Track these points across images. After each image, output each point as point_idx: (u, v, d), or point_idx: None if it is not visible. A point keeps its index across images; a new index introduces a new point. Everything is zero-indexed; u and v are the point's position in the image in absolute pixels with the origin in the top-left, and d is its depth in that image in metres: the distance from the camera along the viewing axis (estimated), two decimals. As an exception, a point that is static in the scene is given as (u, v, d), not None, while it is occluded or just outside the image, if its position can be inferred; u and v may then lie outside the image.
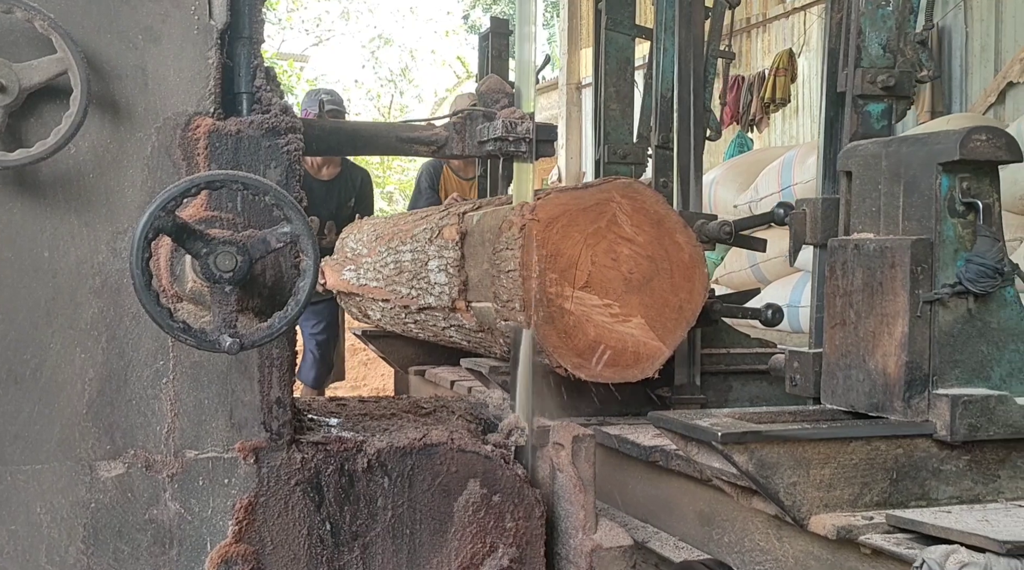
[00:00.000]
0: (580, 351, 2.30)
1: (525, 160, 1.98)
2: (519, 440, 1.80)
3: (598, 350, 2.31)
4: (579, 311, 2.30)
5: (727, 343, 2.89)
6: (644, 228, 2.35)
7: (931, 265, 1.83)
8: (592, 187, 2.38)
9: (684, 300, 2.39)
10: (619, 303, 2.33)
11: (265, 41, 1.69)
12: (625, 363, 2.35)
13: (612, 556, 1.68)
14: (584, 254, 2.30)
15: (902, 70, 2.14)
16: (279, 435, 1.61)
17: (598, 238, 2.32)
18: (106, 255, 1.53)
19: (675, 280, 2.38)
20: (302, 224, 1.45)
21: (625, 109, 3.45)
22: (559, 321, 2.28)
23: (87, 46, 1.48)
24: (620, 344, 2.33)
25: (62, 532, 1.53)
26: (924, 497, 1.84)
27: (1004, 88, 6.15)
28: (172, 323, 1.41)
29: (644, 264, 2.35)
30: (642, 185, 2.45)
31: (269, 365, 1.60)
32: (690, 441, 1.90)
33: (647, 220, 2.36)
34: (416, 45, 23.54)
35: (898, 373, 1.84)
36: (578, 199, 2.32)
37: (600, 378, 2.34)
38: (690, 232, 2.43)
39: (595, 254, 2.31)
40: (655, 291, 2.36)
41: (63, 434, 1.52)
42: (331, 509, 1.64)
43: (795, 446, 1.78)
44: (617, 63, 3.46)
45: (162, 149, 1.55)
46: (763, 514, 1.95)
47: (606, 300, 2.32)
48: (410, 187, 22.83)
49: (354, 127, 2.14)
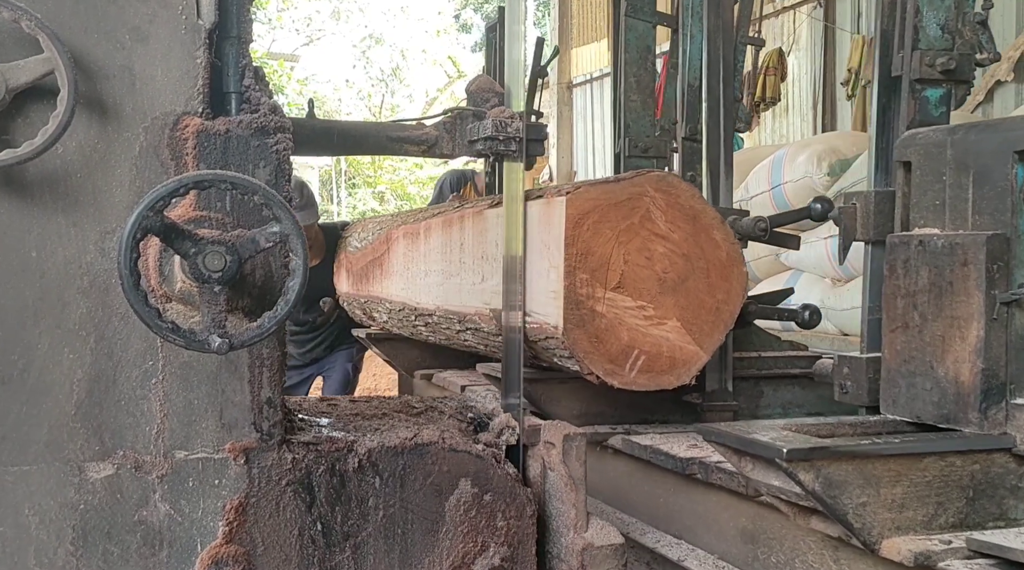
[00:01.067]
0: (612, 356, 2.18)
1: (515, 159, 1.98)
2: (510, 439, 1.80)
3: (631, 355, 2.19)
4: (611, 313, 2.17)
5: (757, 346, 2.72)
6: (679, 224, 2.21)
7: (1008, 263, 1.68)
8: (624, 180, 2.22)
9: (721, 301, 2.25)
10: (653, 305, 2.20)
11: (254, 40, 1.68)
12: (660, 369, 2.22)
13: (603, 554, 1.68)
14: (616, 252, 2.17)
15: (961, 52, 2.00)
16: (270, 435, 1.60)
17: (631, 235, 2.18)
18: (94, 255, 1.53)
19: (712, 280, 2.24)
20: (291, 224, 1.45)
21: (646, 100, 3.25)
22: (590, 324, 2.15)
23: (74, 46, 1.48)
24: (655, 349, 2.20)
25: (51, 534, 1.52)
26: (1002, 517, 1.71)
27: (992, 87, 6.18)
28: (161, 323, 1.40)
29: (679, 263, 2.22)
30: (677, 178, 2.29)
31: (259, 365, 1.60)
32: (744, 456, 1.76)
33: (682, 216, 2.22)
34: (407, 45, 23.53)
35: (972, 381, 1.69)
36: (609, 193, 2.17)
37: (633, 385, 2.20)
38: (727, 229, 2.28)
39: (628, 252, 2.18)
40: (691, 292, 2.23)
41: (51, 435, 1.52)
42: (322, 509, 1.63)
43: (864, 463, 1.64)
44: (637, 51, 3.26)
45: (150, 149, 1.55)
46: (818, 534, 1.81)
47: (639, 302, 2.20)
48: (402, 187, 22.76)
49: (344, 127, 2.14)
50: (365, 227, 3.94)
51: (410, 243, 3.19)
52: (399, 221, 3.44)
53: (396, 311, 3.36)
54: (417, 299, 3.09)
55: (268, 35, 20.58)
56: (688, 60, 2.95)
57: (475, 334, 2.70)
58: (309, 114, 2.05)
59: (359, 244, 3.89)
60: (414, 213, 3.47)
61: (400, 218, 3.52)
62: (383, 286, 3.52)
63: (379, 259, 3.57)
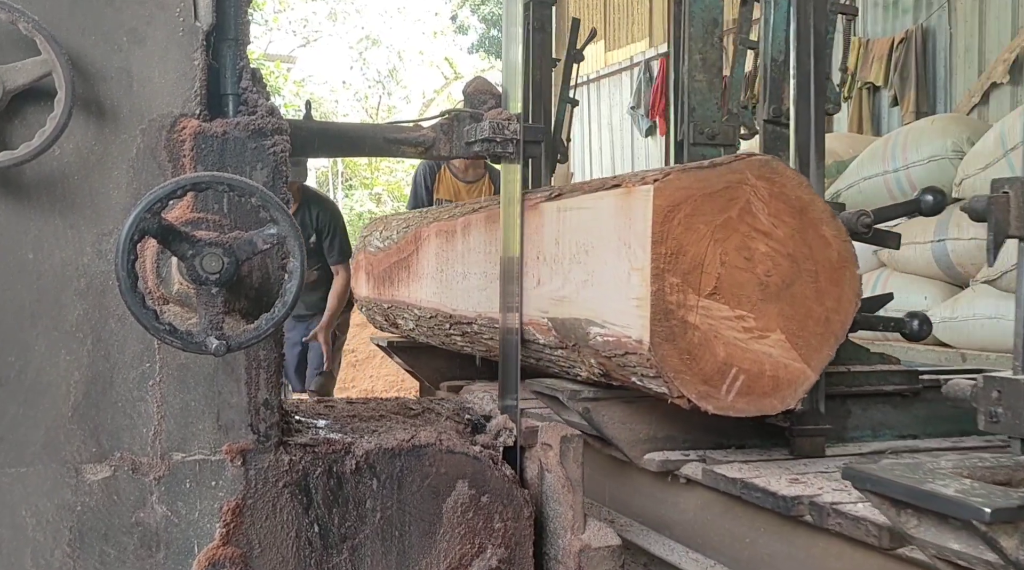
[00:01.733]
0: (707, 376, 1.87)
1: (512, 161, 1.99)
2: (507, 441, 1.80)
3: (729, 374, 1.87)
4: (705, 325, 1.86)
5: (843, 358, 2.32)
6: (784, 218, 1.91)
7: None
8: (720, 166, 1.90)
9: (831, 310, 1.94)
10: (754, 314, 1.89)
11: (251, 42, 1.68)
12: (761, 391, 1.90)
13: (600, 556, 1.68)
14: (712, 252, 1.86)
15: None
16: (267, 437, 1.60)
17: (728, 231, 1.87)
18: (91, 257, 1.53)
19: (820, 285, 1.93)
20: (289, 225, 1.45)
21: (713, 80, 2.85)
22: (681, 338, 1.84)
23: (71, 48, 1.48)
24: (755, 367, 1.89)
25: (47, 535, 1.52)
26: None
27: (988, 89, 6.19)
28: (158, 325, 1.40)
29: (784, 265, 1.91)
30: (781, 164, 1.96)
31: (256, 367, 1.60)
32: (906, 509, 1.42)
33: (787, 208, 1.91)
34: (404, 46, 23.53)
35: None
36: (703, 181, 1.86)
37: (731, 411, 1.89)
38: (839, 224, 1.97)
39: (725, 252, 1.87)
40: (797, 299, 1.92)
41: (48, 437, 1.52)
42: (319, 511, 1.63)
43: None
44: (703, 25, 2.85)
45: (147, 151, 1.55)
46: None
47: (738, 311, 1.88)
48: (398, 188, 22.83)
49: (341, 128, 2.14)
50: (388, 225, 3.59)
51: (444, 242, 2.88)
52: (430, 218, 3.12)
53: (426, 318, 3.05)
54: (453, 305, 2.79)
55: (265, 36, 20.58)
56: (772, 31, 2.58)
57: (526, 346, 2.41)
58: (306, 116, 2.05)
59: (381, 244, 3.57)
60: (448, 209, 3.12)
61: (431, 214, 3.20)
62: (411, 290, 3.21)
63: (406, 260, 3.27)
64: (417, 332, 3.33)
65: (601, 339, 1.99)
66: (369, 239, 3.79)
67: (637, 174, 2.03)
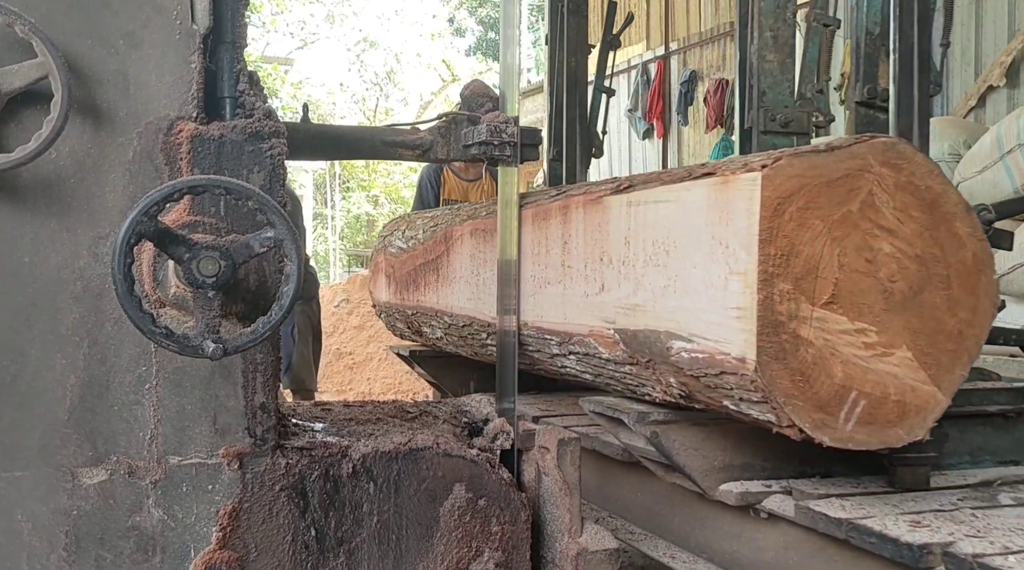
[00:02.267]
0: (822, 402, 1.59)
1: (510, 164, 1.99)
2: (505, 444, 1.80)
3: (847, 399, 1.60)
4: (820, 340, 1.59)
5: None
6: (911, 213, 1.64)
7: None
8: (838, 150, 1.61)
9: (965, 322, 1.66)
10: (876, 327, 1.62)
11: (248, 45, 1.68)
12: (885, 419, 1.62)
13: (598, 559, 1.68)
14: (828, 253, 1.59)
15: None
16: (263, 440, 1.60)
17: (847, 228, 1.60)
18: (87, 260, 1.52)
19: (953, 292, 1.66)
20: (286, 229, 1.45)
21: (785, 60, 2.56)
22: (793, 356, 1.57)
23: (68, 51, 1.47)
24: (878, 390, 1.62)
25: (43, 540, 1.51)
26: None
27: (984, 92, 6.21)
28: (154, 328, 1.40)
29: (911, 268, 1.64)
30: (910, 147, 1.68)
31: (253, 370, 1.60)
32: None
33: (915, 201, 1.64)
34: (401, 48, 23.55)
35: None
36: (819, 169, 1.59)
37: (850, 443, 1.61)
38: (974, 219, 1.69)
39: (843, 253, 1.60)
40: (926, 309, 1.65)
41: (44, 441, 1.51)
42: (316, 515, 1.63)
43: None
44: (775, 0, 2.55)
45: (144, 154, 1.54)
46: None
47: (858, 323, 1.61)
48: (396, 191, 22.78)
49: (338, 131, 2.14)
50: (412, 224, 3.29)
51: (481, 242, 2.62)
52: (463, 216, 2.83)
53: (459, 326, 2.76)
54: (492, 312, 2.44)
55: (262, 39, 20.60)
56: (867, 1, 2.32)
57: (582, 360, 2.15)
58: (304, 118, 2.05)
59: (404, 244, 3.28)
60: (484, 205, 2.82)
61: (464, 212, 2.90)
62: (440, 295, 2.92)
63: (434, 262, 2.98)
64: (445, 341, 3.05)
65: (687, 355, 1.72)
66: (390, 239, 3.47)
67: (735, 160, 1.73)
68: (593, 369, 2.13)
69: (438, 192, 5.12)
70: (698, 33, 9.84)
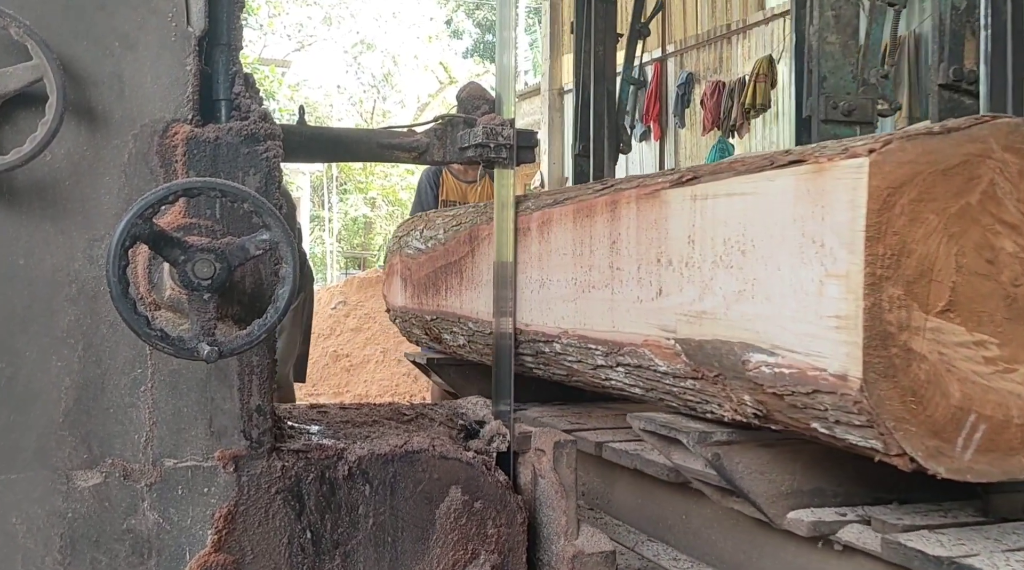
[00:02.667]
0: (938, 426, 1.38)
1: (506, 166, 1.99)
2: (500, 446, 1.80)
3: (966, 423, 1.39)
4: (935, 355, 1.38)
5: None
6: None
7: None
8: (956, 132, 1.39)
9: None
10: (998, 339, 1.41)
11: (244, 47, 1.68)
12: (1008, 445, 1.41)
13: (594, 561, 1.68)
14: (944, 253, 1.38)
15: None
16: (259, 443, 1.60)
17: (966, 224, 1.39)
18: (82, 262, 1.52)
19: None
20: (281, 231, 1.45)
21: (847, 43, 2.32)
22: (904, 373, 1.36)
23: (63, 53, 1.47)
24: (1000, 412, 1.41)
25: (38, 542, 1.51)
26: None
27: (981, 94, 6.22)
28: (149, 331, 1.40)
29: None
30: None
31: (249, 373, 1.59)
32: None
33: None
34: (399, 50, 23.57)
35: None
36: (934, 154, 1.37)
37: (968, 473, 1.40)
38: None
39: (962, 253, 1.39)
40: None
41: (39, 443, 1.51)
42: (312, 517, 1.63)
43: None
44: None
45: (139, 156, 1.54)
46: None
47: (978, 334, 1.40)
48: (393, 193, 22.75)
49: (335, 134, 2.14)
50: (431, 224, 3.05)
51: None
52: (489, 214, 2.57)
53: (485, 334, 2.52)
54: (525, 319, 2.31)
55: (259, 41, 20.60)
56: None
57: (632, 373, 1.94)
58: (300, 120, 2.05)
59: (423, 245, 3.04)
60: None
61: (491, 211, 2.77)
62: (464, 300, 2.69)
63: (457, 264, 2.73)
64: (468, 350, 2.81)
65: (769, 370, 1.51)
66: (406, 240, 3.20)
67: (830, 145, 1.51)
68: (645, 383, 1.91)
69: (437, 193, 5.12)
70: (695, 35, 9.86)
